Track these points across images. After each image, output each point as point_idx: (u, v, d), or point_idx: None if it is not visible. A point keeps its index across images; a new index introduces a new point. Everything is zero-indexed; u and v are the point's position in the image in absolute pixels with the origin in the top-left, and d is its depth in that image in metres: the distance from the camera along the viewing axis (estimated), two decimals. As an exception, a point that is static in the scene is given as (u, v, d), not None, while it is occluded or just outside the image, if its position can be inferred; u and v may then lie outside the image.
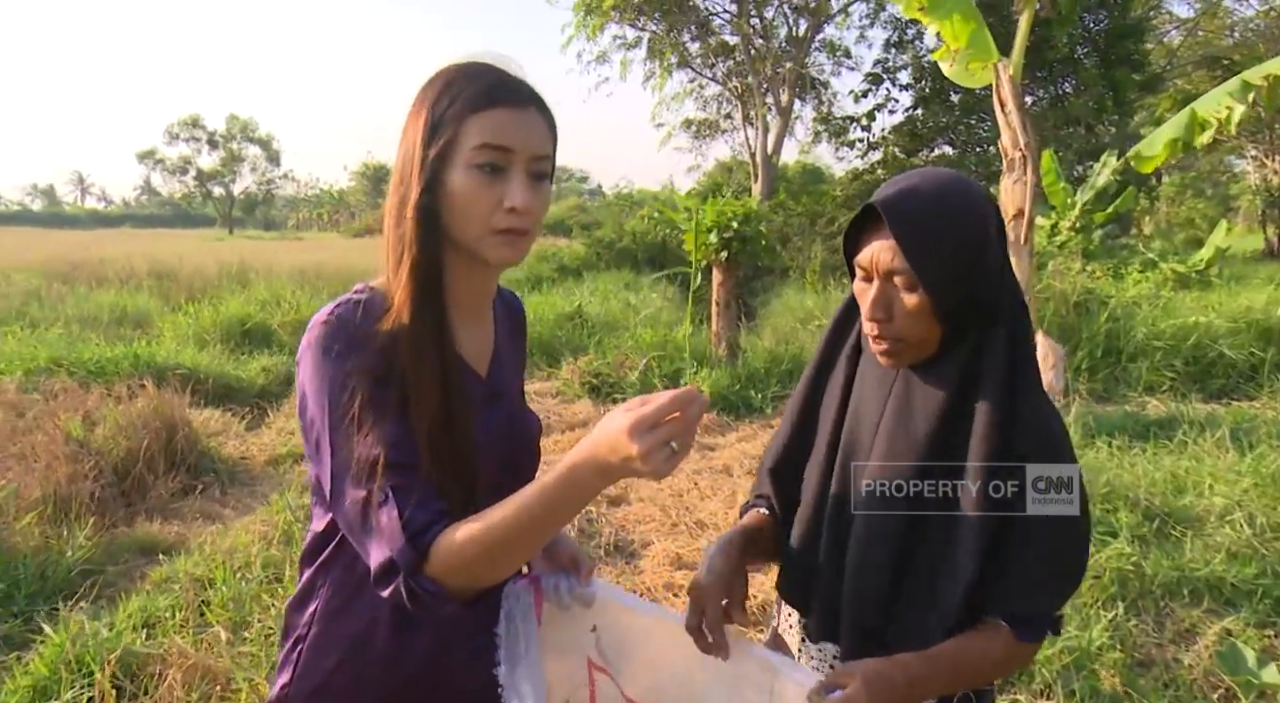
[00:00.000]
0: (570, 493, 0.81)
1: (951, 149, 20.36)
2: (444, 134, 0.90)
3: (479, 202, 0.91)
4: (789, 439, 1.22)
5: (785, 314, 9.40)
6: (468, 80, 0.92)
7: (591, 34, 17.96)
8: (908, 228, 1.00)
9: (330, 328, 0.91)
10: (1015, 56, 3.30)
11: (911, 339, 1.03)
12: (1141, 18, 20.14)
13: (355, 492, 0.87)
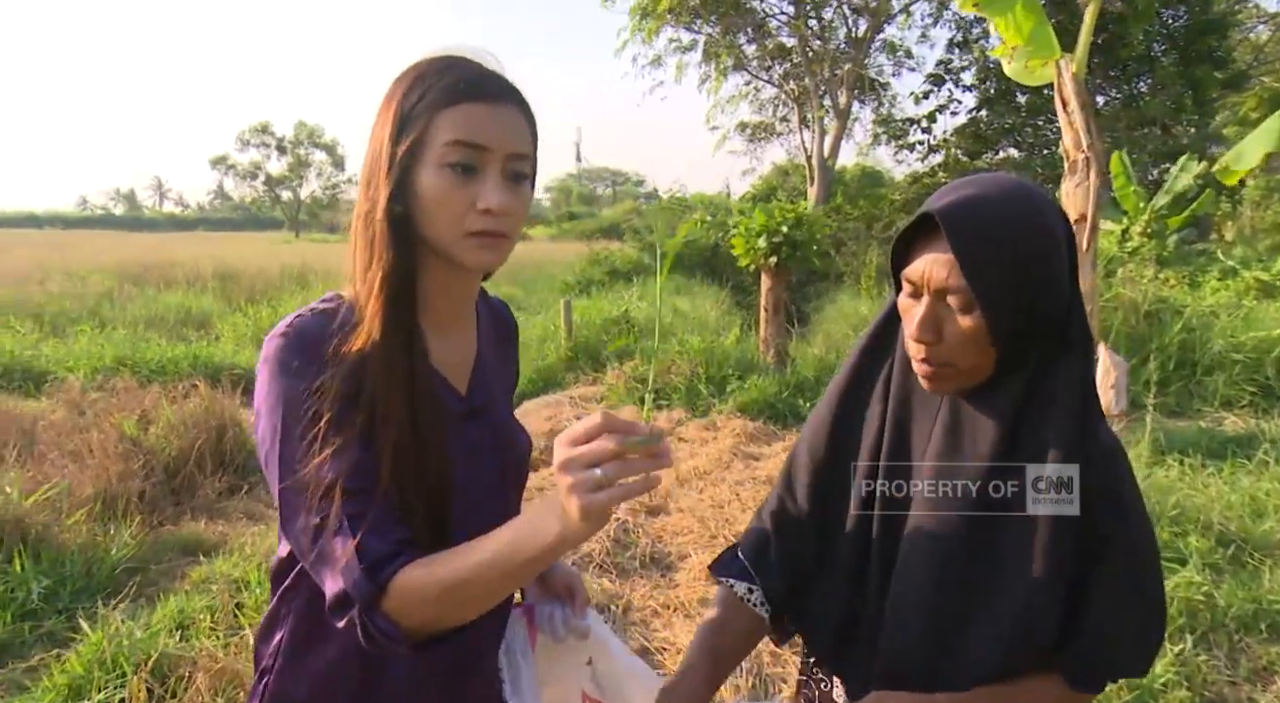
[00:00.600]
0: (527, 536, 0.75)
1: (1017, 151, 19.74)
2: (413, 131, 0.84)
3: (450, 203, 0.84)
4: (820, 463, 1.08)
5: (839, 320, 9.18)
6: (439, 73, 0.86)
7: (647, 37, 17.93)
8: (967, 241, 0.88)
9: (287, 341, 0.85)
10: (1079, 53, 3.12)
11: (962, 365, 0.92)
12: (1225, 12, 19.22)
13: (308, 517, 0.81)
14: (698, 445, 5.32)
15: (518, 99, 0.89)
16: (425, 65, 0.88)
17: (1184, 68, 17.49)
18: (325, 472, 0.81)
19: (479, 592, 0.79)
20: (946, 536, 0.93)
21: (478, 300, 1.07)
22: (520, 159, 0.87)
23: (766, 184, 23.78)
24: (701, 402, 6.14)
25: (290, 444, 0.83)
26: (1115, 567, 0.89)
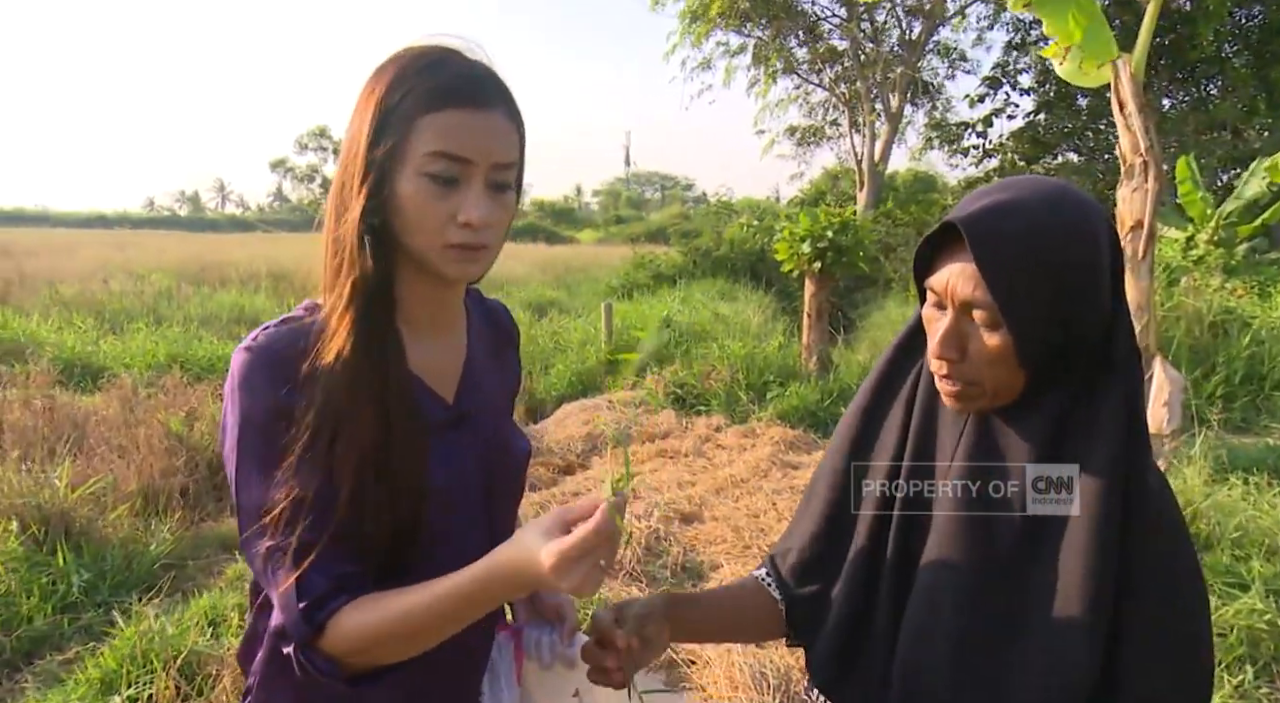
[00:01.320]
0: (482, 598, 0.77)
1: (1077, 156, 19.17)
2: (392, 135, 0.80)
3: (429, 214, 0.80)
4: (839, 464, 1.02)
5: (885, 327, 9.01)
6: (422, 72, 0.81)
7: (696, 41, 17.88)
8: (993, 253, 0.80)
9: (253, 356, 0.82)
10: (1137, 53, 2.97)
11: (988, 385, 0.85)
12: (1303, 10, 18.37)
13: (258, 543, 0.79)
14: (735, 453, 5.25)
15: (505, 103, 0.84)
16: (408, 61, 0.83)
17: (1257, 69, 16.77)
18: (281, 496, 0.79)
19: (423, 637, 0.79)
20: (972, 555, 0.86)
21: (471, 303, 1.03)
22: (504, 168, 0.83)
23: (815, 188, 23.51)
24: (740, 408, 6.06)
25: (248, 466, 0.80)
26: (1153, 625, 0.80)
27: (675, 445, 5.36)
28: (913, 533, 0.92)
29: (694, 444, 5.40)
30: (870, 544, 0.96)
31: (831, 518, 1.02)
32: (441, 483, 0.88)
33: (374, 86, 0.82)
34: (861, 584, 0.96)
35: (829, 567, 1.01)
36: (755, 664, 2.52)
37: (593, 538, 0.70)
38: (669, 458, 5.17)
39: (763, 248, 13.17)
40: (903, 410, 0.98)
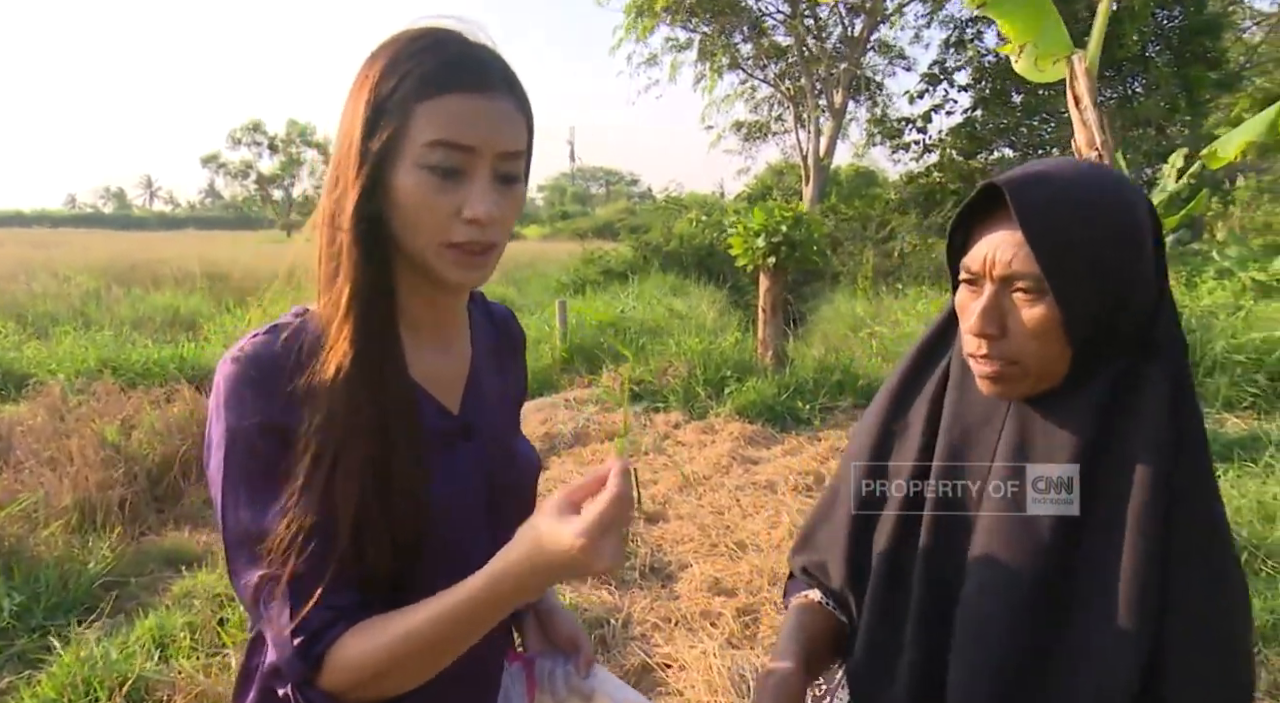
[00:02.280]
0: (493, 603, 0.70)
1: (1012, 151, 19.73)
2: (388, 124, 0.72)
3: (430, 210, 0.73)
4: (864, 466, 0.98)
5: (835, 321, 9.12)
6: (419, 55, 0.73)
7: (641, 35, 17.83)
8: (1037, 217, 0.77)
9: (240, 367, 0.75)
10: (1092, 49, 3.03)
11: (1029, 363, 0.81)
12: (1219, 13, 19.25)
13: (249, 572, 0.73)
14: (696, 449, 5.22)
15: (511, 86, 0.77)
16: (404, 43, 0.75)
17: (1178, 68, 17.52)
18: (274, 520, 0.72)
19: (430, 658, 0.72)
20: (1020, 561, 0.81)
21: (475, 307, 0.96)
22: (512, 158, 0.76)
23: (761, 183, 23.71)
24: (699, 404, 6.04)
25: (236, 488, 0.73)
26: (1199, 623, 0.77)
27: (635, 443, 5.31)
28: (947, 535, 0.88)
29: (653, 441, 5.36)
30: (897, 548, 0.92)
31: (861, 523, 0.98)
32: (445, 499, 0.82)
33: (367, 73, 0.75)
34: (888, 590, 0.92)
35: (865, 575, 0.97)
36: (734, 667, 2.49)
37: (617, 506, 0.66)
38: (629, 457, 5.12)
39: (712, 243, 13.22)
40: (927, 408, 0.94)
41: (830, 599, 1.03)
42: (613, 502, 0.65)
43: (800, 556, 1.07)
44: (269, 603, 0.72)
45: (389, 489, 0.76)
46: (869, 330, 8.27)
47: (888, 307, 9.30)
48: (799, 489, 4.45)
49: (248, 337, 0.78)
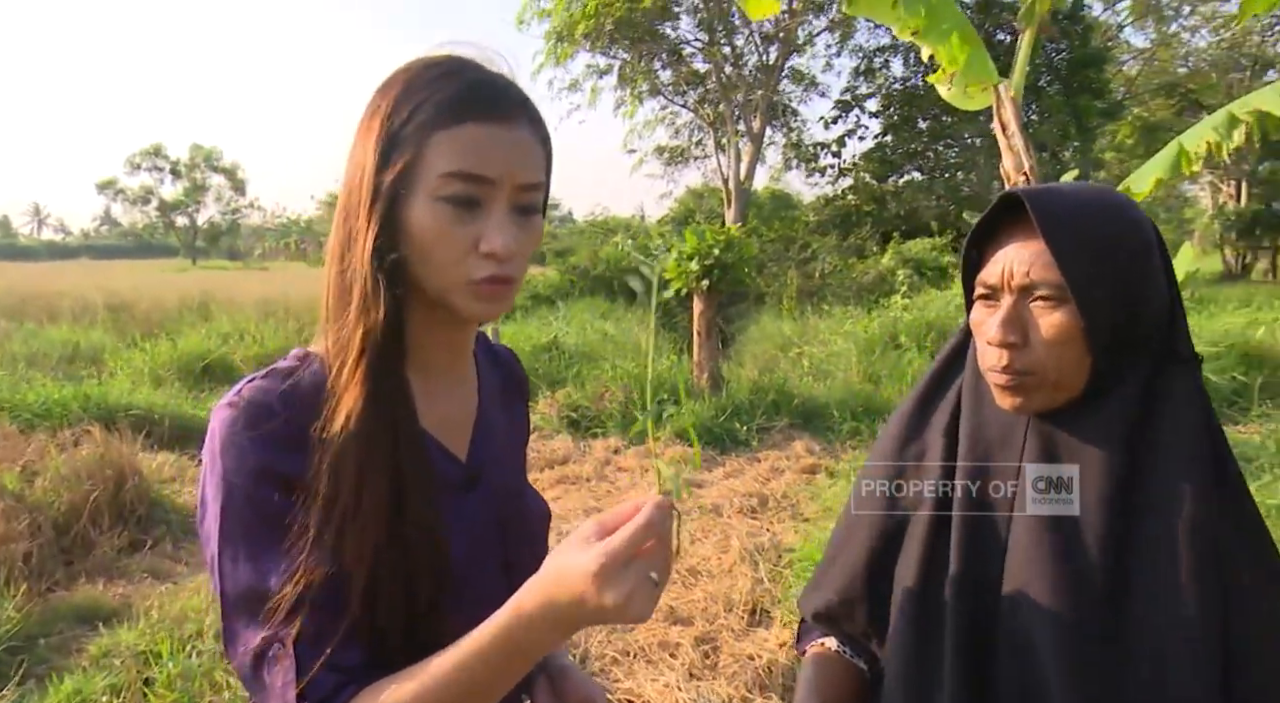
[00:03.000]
0: (520, 651, 0.64)
1: (921, 175, 20.61)
2: (402, 155, 0.69)
3: (448, 244, 0.70)
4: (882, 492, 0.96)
5: (763, 341, 9.26)
6: (435, 83, 0.70)
7: (560, 60, 17.91)
8: (1058, 223, 0.78)
9: (237, 413, 0.69)
10: (1016, 77, 3.18)
11: (1049, 373, 0.80)
12: (1101, 48, 20.65)
13: (249, 635, 0.67)
14: (638, 475, 5.19)
15: (530, 116, 0.73)
16: (418, 71, 0.72)
17: (1068, 98, 18.67)
18: (278, 578, 0.66)
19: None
20: (1058, 576, 0.79)
21: (479, 348, 0.91)
22: (531, 190, 0.73)
23: (684, 207, 24.05)
24: (637, 428, 6.01)
25: (234, 543, 0.68)
26: (1267, 623, 0.76)
27: (575, 471, 5.23)
28: (979, 559, 0.86)
29: (594, 468, 5.29)
30: (925, 576, 0.90)
31: (878, 559, 0.95)
32: (458, 552, 0.76)
33: (379, 102, 0.71)
34: (917, 623, 0.89)
35: (885, 612, 0.94)
36: (699, 699, 2.45)
37: (642, 533, 0.59)
38: (570, 484, 5.04)
39: (638, 266, 13.28)
40: (944, 430, 0.93)
41: (847, 646, 1.01)
42: (637, 531, 0.59)
43: (813, 599, 1.03)
44: (272, 669, 0.66)
45: (405, 540, 0.71)
46: (798, 350, 8.43)
47: (813, 326, 9.51)
48: (744, 512, 4.46)
49: (244, 381, 0.73)
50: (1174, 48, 26.92)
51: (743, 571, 3.56)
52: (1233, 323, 7.89)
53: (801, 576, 3.35)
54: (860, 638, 0.99)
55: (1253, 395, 6.33)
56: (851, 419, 6.00)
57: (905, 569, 0.92)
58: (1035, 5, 3.14)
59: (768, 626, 3.13)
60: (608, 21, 16.39)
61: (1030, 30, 3.20)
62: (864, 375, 6.94)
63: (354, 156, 0.72)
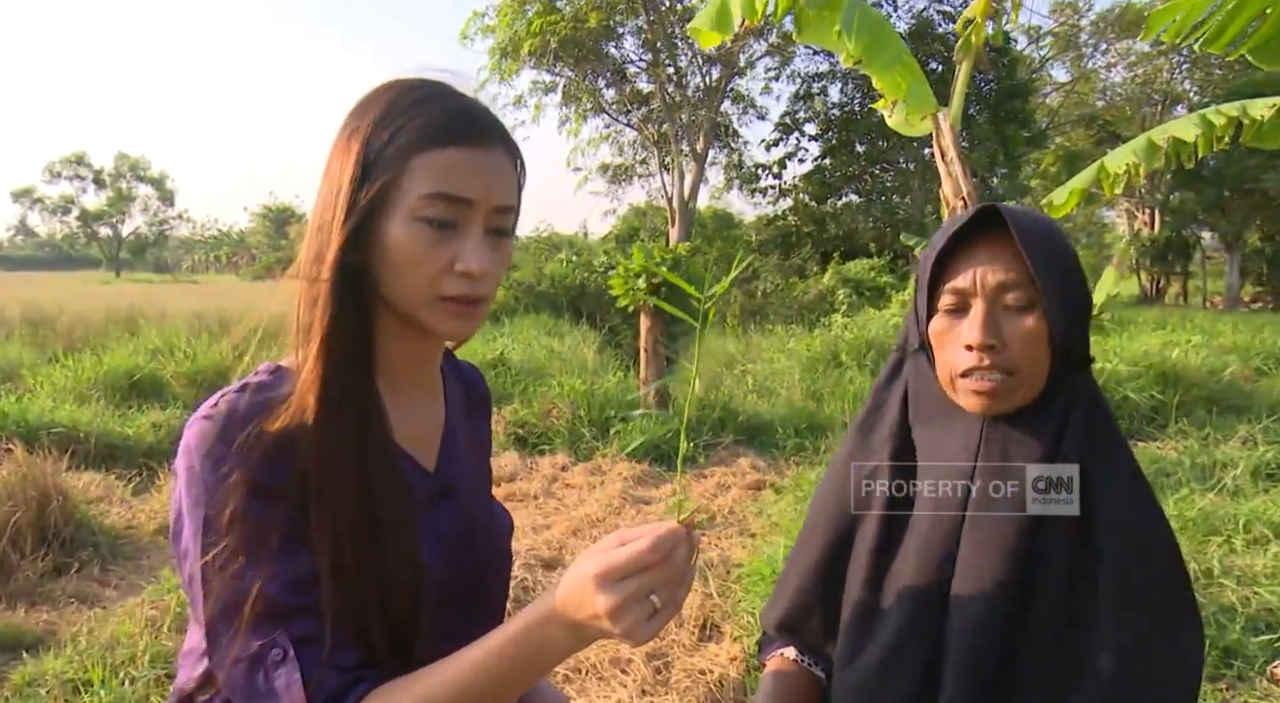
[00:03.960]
0: (530, 655, 0.65)
1: (858, 197, 21.21)
2: (382, 175, 0.71)
3: (424, 263, 0.72)
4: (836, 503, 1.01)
5: (707, 359, 9.35)
6: (416, 107, 0.72)
7: (505, 77, 17.91)
8: (1032, 237, 0.85)
9: (214, 425, 0.70)
10: (954, 106, 3.33)
11: (1025, 372, 0.86)
12: (1026, 80, 21.63)
13: (240, 645, 0.66)
14: (586, 492, 5.17)
15: (505, 141, 0.77)
16: (398, 94, 0.74)
17: (996, 127, 19.47)
18: (264, 585, 0.66)
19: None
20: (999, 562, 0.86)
21: (446, 363, 0.93)
22: (505, 212, 0.76)
23: (627, 225, 24.20)
24: (585, 445, 6.00)
25: (217, 554, 0.67)
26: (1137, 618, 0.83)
27: (523, 488, 5.19)
28: (927, 553, 0.91)
29: (542, 485, 5.26)
30: (874, 573, 0.95)
31: (831, 571, 1.00)
32: (430, 561, 0.78)
33: (357, 123, 0.73)
34: (870, 613, 0.94)
35: (838, 614, 0.99)
36: (655, 713, 2.45)
37: (646, 555, 0.60)
38: (519, 501, 5.00)
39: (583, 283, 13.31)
40: (892, 440, 0.97)
41: (806, 655, 1.04)
42: (643, 548, 0.61)
43: (772, 611, 1.07)
44: (273, 673, 0.66)
45: (380, 549, 0.72)
46: (741, 367, 8.55)
47: (756, 344, 9.66)
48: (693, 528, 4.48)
49: (218, 394, 0.73)
50: (1092, 82, 28.40)
51: (692, 586, 3.58)
52: (1150, 344, 8.29)
53: (751, 590, 3.39)
54: (818, 645, 1.02)
55: (1170, 413, 6.67)
56: (795, 436, 6.10)
57: (855, 573, 0.96)
58: (972, 37, 3.30)
59: (718, 640, 3.16)
60: (553, 40, 16.48)
61: (967, 62, 3.36)
62: (807, 393, 7.07)
63: (329, 174, 0.74)
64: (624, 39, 18.36)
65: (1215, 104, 4.07)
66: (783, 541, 3.66)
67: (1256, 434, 5.81)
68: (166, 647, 2.87)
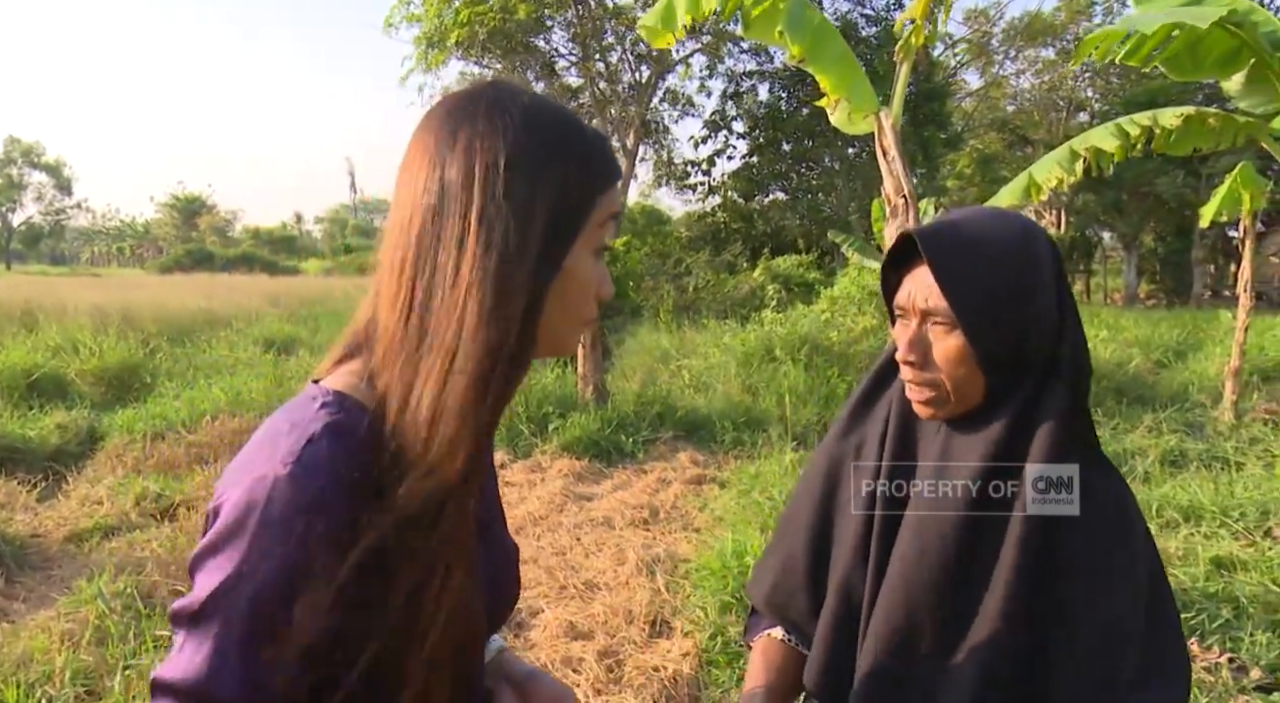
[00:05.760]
0: None
1: (785, 195, 21.58)
2: (578, 214, 0.70)
3: (591, 288, 0.73)
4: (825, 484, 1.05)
5: (642, 354, 9.36)
6: (594, 148, 0.73)
7: (431, 67, 17.49)
8: (945, 261, 0.88)
9: (292, 484, 0.59)
10: (895, 106, 3.41)
11: (948, 387, 0.91)
12: (943, 83, 22.41)
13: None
14: (526, 489, 5.10)
15: None
16: (569, 134, 0.71)
17: (915, 128, 20.09)
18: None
19: None
20: (930, 553, 0.90)
21: None
22: None
23: (556, 220, 23.98)
24: (523, 442, 5.93)
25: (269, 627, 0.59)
26: (1082, 644, 0.86)
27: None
28: (883, 545, 0.96)
29: (481, 483, 5.16)
30: (854, 554, 0.99)
31: (818, 549, 1.03)
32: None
33: (548, 162, 0.68)
34: (845, 603, 0.98)
35: (821, 597, 1.03)
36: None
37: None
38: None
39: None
40: (880, 429, 1.02)
41: (793, 634, 1.07)
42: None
43: (758, 586, 1.10)
44: None
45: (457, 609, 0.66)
46: (676, 362, 8.59)
47: (690, 339, 9.72)
48: (636, 524, 4.48)
49: (288, 435, 0.62)
50: (1003, 87, 29.65)
51: (640, 582, 3.57)
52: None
53: (700, 585, 3.40)
54: (803, 624, 1.05)
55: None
56: (734, 430, 6.16)
57: (838, 560, 1.00)
58: (911, 40, 3.38)
59: (669, 636, 3.15)
60: (481, 31, 16.16)
61: (907, 62, 3.44)
62: (743, 387, 7.15)
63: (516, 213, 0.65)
64: (553, 32, 18.18)
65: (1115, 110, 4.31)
66: (729, 535, 3.68)
67: (1161, 423, 6.17)
68: (87, 662, 2.70)
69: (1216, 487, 4.33)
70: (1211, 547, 3.52)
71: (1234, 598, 3.03)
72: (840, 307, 9.29)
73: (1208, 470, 4.96)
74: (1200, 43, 3.29)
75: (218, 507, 0.62)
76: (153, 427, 5.85)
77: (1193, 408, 7.06)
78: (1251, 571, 3.25)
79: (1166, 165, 21.16)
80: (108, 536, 4.14)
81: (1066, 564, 0.87)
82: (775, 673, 1.03)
